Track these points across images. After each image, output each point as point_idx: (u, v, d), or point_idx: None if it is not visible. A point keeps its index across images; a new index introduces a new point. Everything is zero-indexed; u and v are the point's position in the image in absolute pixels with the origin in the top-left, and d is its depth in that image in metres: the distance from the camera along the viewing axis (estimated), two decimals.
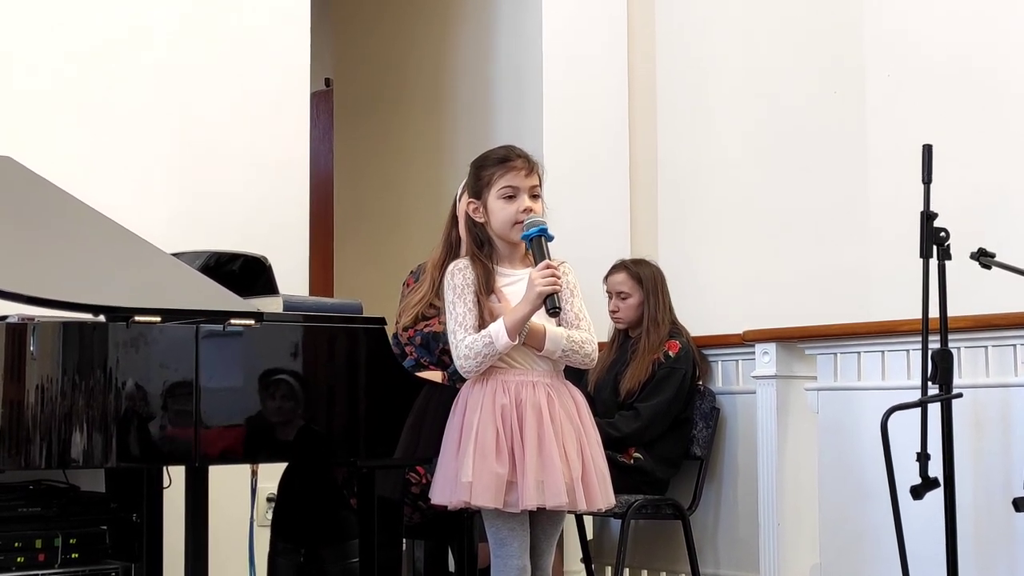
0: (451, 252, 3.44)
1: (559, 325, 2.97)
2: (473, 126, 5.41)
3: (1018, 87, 4.23)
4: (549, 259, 2.91)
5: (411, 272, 3.67)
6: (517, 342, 2.90)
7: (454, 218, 3.46)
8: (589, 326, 3.02)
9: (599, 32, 5.24)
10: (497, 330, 2.89)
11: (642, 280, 4.26)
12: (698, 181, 5.20)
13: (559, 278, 2.88)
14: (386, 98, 5.89)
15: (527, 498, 2.83)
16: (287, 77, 4.36)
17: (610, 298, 4.33)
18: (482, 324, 2.93)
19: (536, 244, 2.93)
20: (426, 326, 3.39)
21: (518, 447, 2.86)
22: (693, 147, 5.22)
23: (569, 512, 3.09)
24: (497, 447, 2.85)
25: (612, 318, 4.34)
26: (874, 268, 4.51)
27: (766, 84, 4.99)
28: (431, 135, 5.63)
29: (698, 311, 4.63)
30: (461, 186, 3.49)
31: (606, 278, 4.35)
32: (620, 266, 4.34)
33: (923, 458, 3.28)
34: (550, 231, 2.95)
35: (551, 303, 2.87)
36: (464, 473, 2.84)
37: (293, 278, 4.11)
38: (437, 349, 3.34)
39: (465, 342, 2.92)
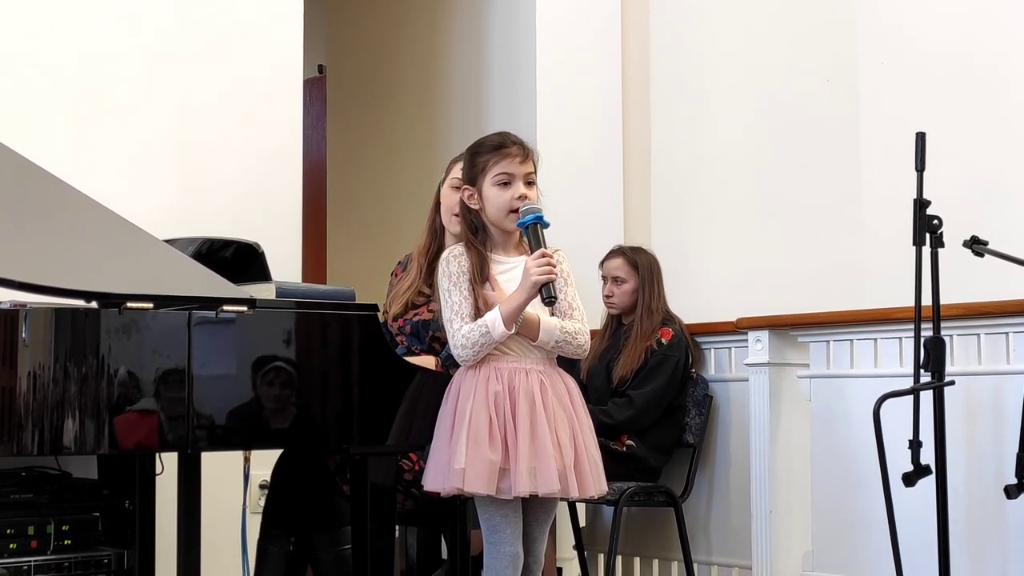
0: (435, 239, 3.44)
1: (553, 314, 2.97)
2: (467, 114, 5.40)
3: (1012, 77, 4.23)
4: (544, 247, 2.91)
5: (399, 262, 3.66)
6: (513, 331, 2.91)
7: (438, 205, 3.46)
8: (582, 316, 3.02)
9: (593, 21, 5.23)
10: (493, 319, 2.89)
11: (639, 267, 4.27)
12: (692, 171, 5.19)
13: (555, 266, 2.88)
14: (380, 85, 5.88)
15: (519, 485, 2.83)
16: (280, 64, 4.35)
17: (605, 283, 4.33)
18: (477, 312, 2.94)
19: (531, 232, 2.93)
20: (415, 315, 3.38)
21: (511, 434, 2.86)
22: (687, 137, 5.22)
23: (561, 499, 3.09)
24: (490, 434, 2.86)
25: (606, 303, 4.34)
26: (867, 256, 4.51)
27: (759, 74, 4.98)
28: (424, 123, 5.62)
29: (691, 301, 4.63)
30: (443, 176, 3.48)
31: (602, 263, 4.36)
32: (617, 251, 4.35)
33: (915, 445, 3.29)
34: (545, 218, 2.95)
35: (547, 292, 2.87)
36: (457, 460, 2.84)
37: (286, 265, 4.12)
38: (427, 336, 3.33)
39: (462, 331, 2.92)
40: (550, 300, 2.88)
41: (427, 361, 3.22)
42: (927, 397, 3.31)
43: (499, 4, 5.30)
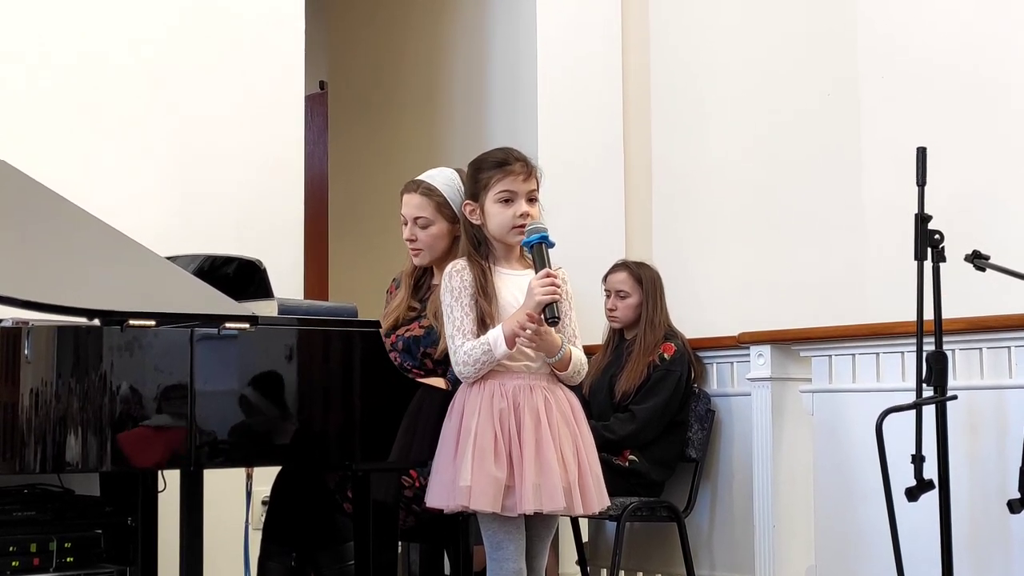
0: None
1: (558, 334, 2.97)
2: (468, 128, 5.41)
3: (1012, 90, 4.24)
4: (549, 267, 2.90)
5: (393, 280, 3.67)
6: (514, 350, 2.90)
7: None
8: (580, 341, 3.03)
9: (594, 34, 5.25)
10: (495, 338, 2.89)
11: (642, 281, 4.28)
12: (692, 184, 5.20)
13: (559, 287, 2.87)
14: (381, 100, 5.89)
15: (525, 502, 2.82)
16: (282, 80, 4.36)
17: (608, 297, 4.34)
18: (481, 325, 2.94)
19: (537, 251, 2.92)
20: (406, 331, 3.39)
21: (516, 451, 2.86)
22: (687, 150, 5.22)
23: (565, 515, 3.09)
24: (496, 451, 2.85)
25: (608, 317, 4.35)
26: (869, 270, 4.52)
27: (760, 88, 4.99)
28: (426, 138, 5.63)
29: (693, 314, 4.64)
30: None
31: (606, 277, 4.37)
32: (621, 265, 4.36)
33: (918, 460, 3.29)
34: (550, 237, 2.95)
35: (550, 312, 2.86)
36: (463, 477, 2.84)
37: (288, 281, 4.12)
38: (419, 352, 3.33)
39: (464, 348, 2.92)
40: (553, 320, 2.87)
41: (436, 383, 3.21)
42: (929, 412, 3.31)
43: (500, 19, 5.31)
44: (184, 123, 4.16)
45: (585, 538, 4.53)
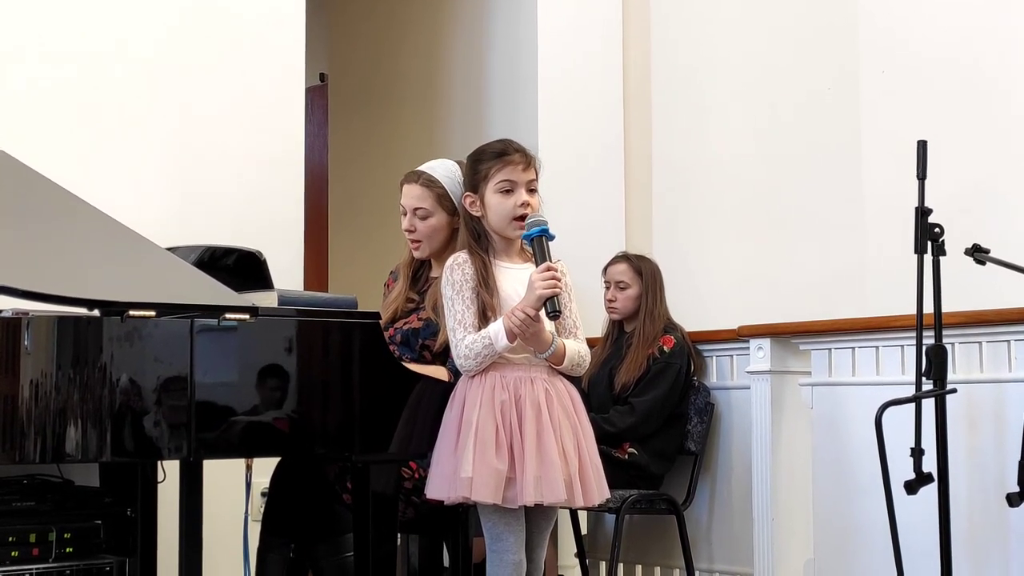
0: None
1: (558, 330, 2.97)
2: (468, 121, 5.41)
3: (1012, 84, 4.23)
4: (549, 260, 2.90)
5: (391, 272, 3.67)
6: (515, 344, 2.91)
7: None
8: (582, 334, 3.03)
9: (594, 28, 5.24)
10: (496, 331, 2.89)
11: (642, 273, 4.29)
12: (693, 179, 5.20)
13: (559, 280, 2.87)
14: (381, 93, 5.89)
15: (526, 494, 2.83)
16: (282, 72, 4.36)
17: (608, 288, 4.34)
18: (482, 318, 2.94)
19: (537, 244, 2.92)
20: (405, 323, 3.39)
21: (517, 443, 2.87)
22: (688, 145, 5.22)
23: (565, 507, 3.09)
24: (497, 443, 2.86)
25: (608, 308, 4.35)
26: (869, 264, 4.51)
27: (760, 82, 4.99)
28: (426, 130, 5.63)
29: (693, 308, 4.64)
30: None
31: (606, 268, 4.38)
32: (622, 257, 4.37)
33: (917, 453, 3.29)
34: (550, 231, 2.95)
35: (551, 306, 2.86)
36: (464, 468, 2.84)
37: (288, 273, 4.12)
38: (417, 344, 3.34)
39: (465, 342, 2.92)
40: (554, 314, 2.87)
41: (438, 371, 3.21)
42: (929, 405, 3.31)
43: (500, 12, 5.31)
44: (184, 117, 4.15)
45: (584, 530, 4.54)
